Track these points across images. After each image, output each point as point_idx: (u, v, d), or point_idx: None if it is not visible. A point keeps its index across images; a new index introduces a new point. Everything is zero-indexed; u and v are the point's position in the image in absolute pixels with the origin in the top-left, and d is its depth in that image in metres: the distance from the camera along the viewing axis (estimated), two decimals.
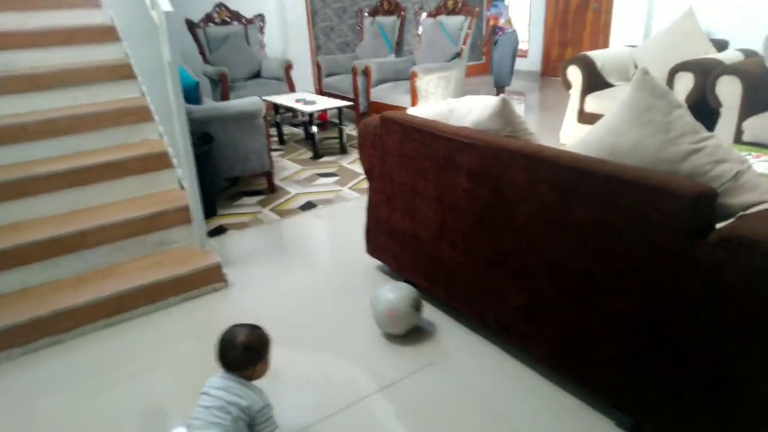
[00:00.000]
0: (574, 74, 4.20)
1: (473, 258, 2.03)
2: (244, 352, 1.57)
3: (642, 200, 1.38)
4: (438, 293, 2.28)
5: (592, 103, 4.12)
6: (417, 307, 2.14)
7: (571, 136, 4.27)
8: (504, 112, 1.89)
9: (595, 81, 4.20)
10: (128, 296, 2.41)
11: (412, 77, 4.79)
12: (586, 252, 1.57)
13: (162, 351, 2.23)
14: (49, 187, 2.66)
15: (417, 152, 2.19)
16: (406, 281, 2.51)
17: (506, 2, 6.06)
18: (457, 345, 2.15)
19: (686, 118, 1.44)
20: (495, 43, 6.05)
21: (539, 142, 1.88)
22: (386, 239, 2.54)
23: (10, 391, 2.04)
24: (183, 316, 2.46)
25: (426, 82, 4.80)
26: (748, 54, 3.84)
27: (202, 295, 2.60)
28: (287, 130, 5.53)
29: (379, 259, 2.67)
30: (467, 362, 2.04)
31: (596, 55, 4.28)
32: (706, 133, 1.44)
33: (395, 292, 2.12)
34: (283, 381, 1.97)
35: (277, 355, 1.71)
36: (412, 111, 2.46)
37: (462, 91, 5.13)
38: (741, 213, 1.37)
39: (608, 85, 4.25)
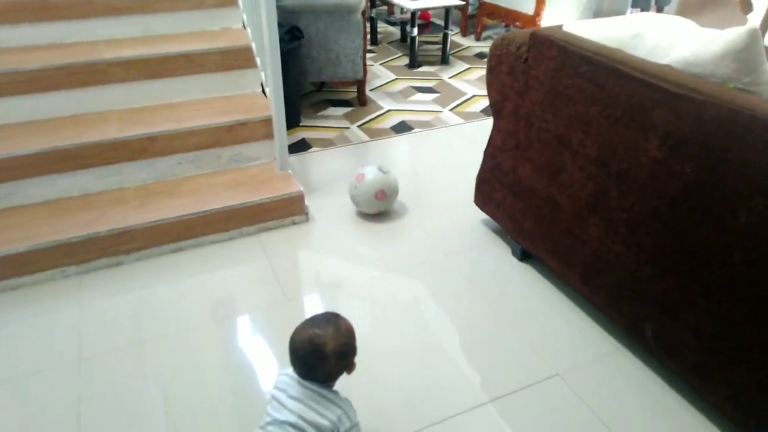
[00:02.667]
0: None
1: (641, 253, 1.50)
2: (338, 361, 1.17)
3: None
4: (570, 278, 1.79)
5: None
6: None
7: None
8: (749, 52, 1.26)
9: None
10: (198, 221, 2.07)
11: None
12: None
13: (233, 289, 1.91)
14: (116, 77, 2.28)
15: (580, 92, 1.59)
16: (523, 251, 2.04)
17: None
18: (589, 353, 1.69)
19: None
20: None
21: None
22: (505, 194, 2.02)
23: (63, 313, 1.80)
24: (258, 250, 2.11)
25: None
26: None
27: (279, 228, 2.23)
28: (381, 27, 4.86)
29: (489, 214, 2.17)
30: (599, 373, 1.60)
31: None
32: None
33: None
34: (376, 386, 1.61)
35: (361, 328, 1.30)
36: (570, 28, 1.82)
37: (600, 1, 4.21)
38: None
39: None
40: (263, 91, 2.50)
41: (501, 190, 2.05)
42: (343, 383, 1.24)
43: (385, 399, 1.52)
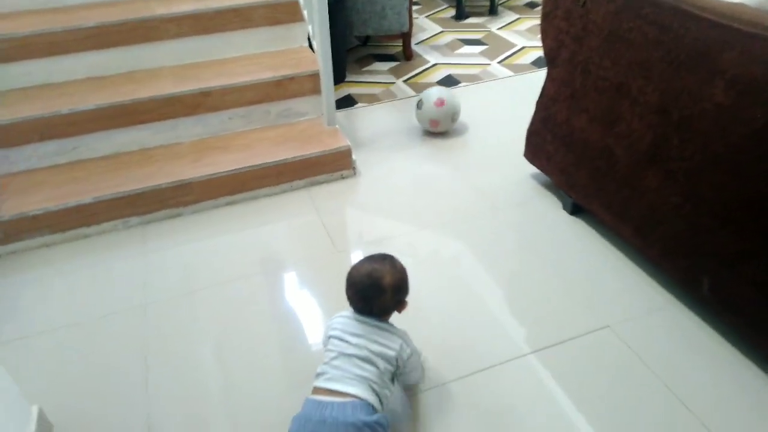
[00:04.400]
0: None
1: (701, 204, 1.45)
2: (394, 295, 1.25)
3: None
4: (624, 232, 1.75)
5: None
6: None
7: None
8: None
9: None
10: (252, 174, 2.13)
11: None
12: None
13: (286, 240, 1.97)
14: (169, 33, 2.32)
15: (642, 35, 1.52)
16: (574, 205, 2.01)
17: None
18: (643, 304, 1.67)
19: None
20: None
21: None
22: (557, 146, 1.98)
23: (128, 261, 1.91)
24: (308, 203, 2.16)
25: None
26: None
27: (328, 182, 2.27)
28: None
29: (540, 168, 2.13)
30: (652, 325, 1.58)
31: None
32: None
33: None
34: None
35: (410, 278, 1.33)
36: None
37: None
38: None
39: None
40: (310, 45, 2.50)
41: (553, 143, 2.01)
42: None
43: (427, 350, 1.54)
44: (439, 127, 2.53)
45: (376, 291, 1.22)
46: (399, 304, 1.28)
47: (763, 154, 1.27)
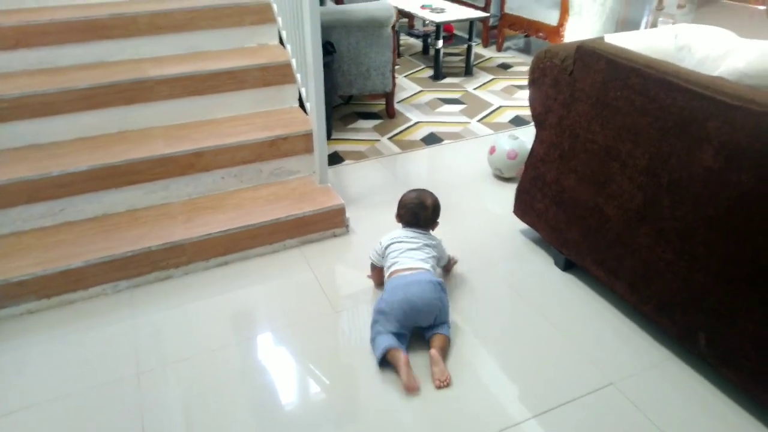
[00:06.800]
0: None
1: (694, 261, 1.51)
2: (434, 212, 1.87)
3: None
4: (618, 288, 1.80)
5: None
6: None
7: None
8: None
9: None
10: (244, 234, 2.11)
11: None
12: None
13: (282, 301, 1.94)
14: (162, 94, 2.33)
15: (629, 103, 1.62)
16: (566, 261, 2.05)
17: None
18: (643, 362, 1.70)
19: None
20: None
21: None
22: (547, 204, 2.04)
23: (118, 327, 1.84)
24: (302, 263, 2.15)
25: None
26: None
27: (321, 240, 2.27)
28: (402, 40, 4.93)
29: (530, 224, 2.19)
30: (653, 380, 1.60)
31: None
32: None
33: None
34: None
35: None
36: (612, 39, 1.85)
37: (620, 9, 4.24)
38: None
39: None
40: (300, 105, 2.55)
41: (543, 201, 2.07)
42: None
43: (420, 418, 1.53)
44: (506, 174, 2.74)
45: (422, 208, 1.85)
46: (434, 222, 1.89)
47: (752, 215, 1.34)
